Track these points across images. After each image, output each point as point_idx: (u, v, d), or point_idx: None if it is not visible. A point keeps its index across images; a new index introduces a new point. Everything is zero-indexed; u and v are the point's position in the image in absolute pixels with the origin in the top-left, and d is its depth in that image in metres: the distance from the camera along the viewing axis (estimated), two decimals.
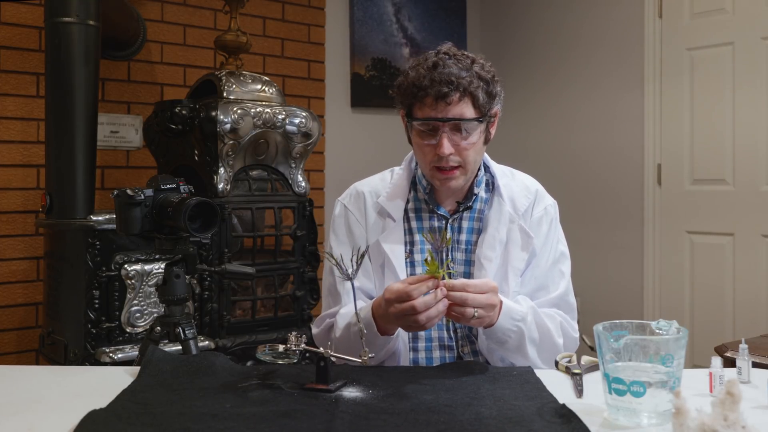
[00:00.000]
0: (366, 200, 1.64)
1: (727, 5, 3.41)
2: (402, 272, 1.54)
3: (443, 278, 1.33)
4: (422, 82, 1.48)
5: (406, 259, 1.57)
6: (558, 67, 4.12)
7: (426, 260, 1.36)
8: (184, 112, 2.69)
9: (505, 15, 4.42)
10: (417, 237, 1.59)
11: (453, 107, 1.48)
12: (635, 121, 3.74)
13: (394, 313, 1.34)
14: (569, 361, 1.38)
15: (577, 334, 1.60)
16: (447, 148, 1.48)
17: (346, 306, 1.59)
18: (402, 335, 1.52)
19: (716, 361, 1.21)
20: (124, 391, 1.19)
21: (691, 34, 3.54)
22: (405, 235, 1.59)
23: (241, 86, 2.80)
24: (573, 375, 1.32)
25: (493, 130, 1.59)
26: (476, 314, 1.35)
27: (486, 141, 1.57)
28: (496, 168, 1.67)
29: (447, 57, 1.51)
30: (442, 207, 1.61)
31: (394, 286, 1.35)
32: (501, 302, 1.43)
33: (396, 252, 1.55)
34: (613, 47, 3.85)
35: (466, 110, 1.49)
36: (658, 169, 3.67)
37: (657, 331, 1.13)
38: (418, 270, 1.56)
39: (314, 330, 1.66)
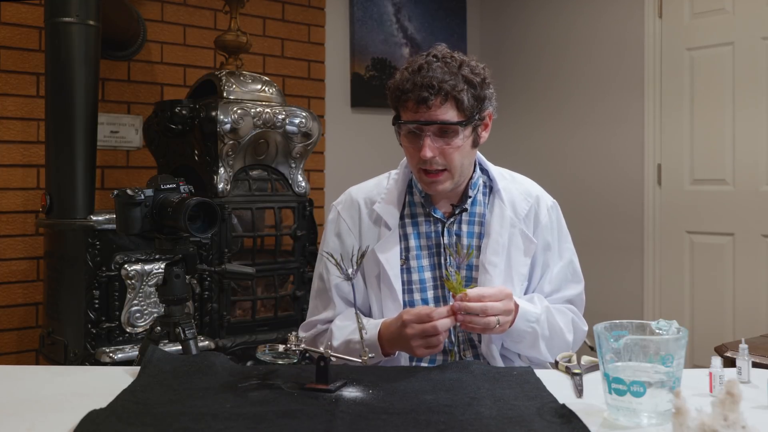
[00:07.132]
0: (361, 209, 1.64)
1: (727, 5, 3.41)
2: (397, 280, 1.55)
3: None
4: (405, 86, 1.48)
5: (401, 266, 1.57)
6: (558, 67, 4.12)
7: (447, 280, 1.40)
8: (184, 112, 2.69)
9: (505, 15, 4.42)
10: (412, 243, 1.58)
11: (434, 111, 1.47)
12: (635, 121, 3.74)
13: (411, 333, 1.37)
14: (569, 361, 1.38)
15: (586, 327, 1.65)
16: (428, 151, 1.48)
17: (341, 317, 1.59)
18: None
19: (716, 361, 1.21)
20: (124, 391, 1.19)
21: (691, 34, 3.54)
22: (400, 241, 1.58)
23: (241, 86, 2.80)
24: (573, 375, 1.32)
25: (485, 133, 1.57)
26: (499, 322, 1.39)
27: (475, 144, 1.55)
28: (495, 171, 1.65)
29: (435, 60, 1.49)
30: (439, 210, 1.60)
31: (413, 309, 1.40)
32: (517, 306, 1.47)
33: (391, 261, 1.55)
34: (613, 47, 3.85)
35: (449, 114, 1.47)
36: (658, 169, 3.67)
37: (657, 331, 1.13)
38: (414, 276, 1.57)
39: (302, 334, 1.65)
